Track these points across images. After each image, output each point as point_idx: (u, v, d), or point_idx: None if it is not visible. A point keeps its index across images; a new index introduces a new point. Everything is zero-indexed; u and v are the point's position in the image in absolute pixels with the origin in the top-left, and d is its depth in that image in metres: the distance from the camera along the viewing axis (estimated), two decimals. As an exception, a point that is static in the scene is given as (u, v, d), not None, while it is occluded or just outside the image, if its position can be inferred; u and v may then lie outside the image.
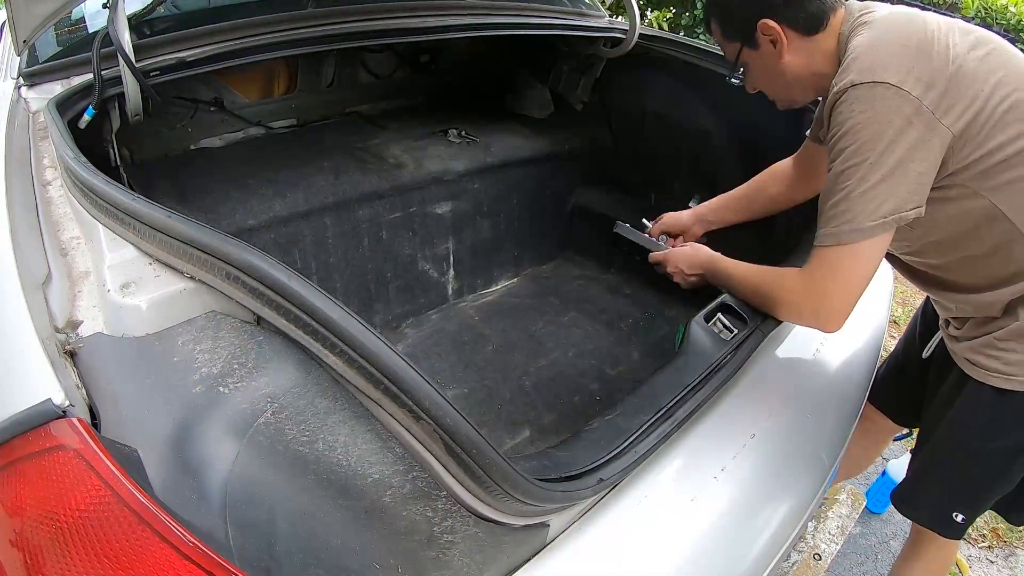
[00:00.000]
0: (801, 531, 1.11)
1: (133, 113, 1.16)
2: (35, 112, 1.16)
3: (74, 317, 0.75)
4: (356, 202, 1.56)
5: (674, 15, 4.83)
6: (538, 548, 0.77)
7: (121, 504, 0.53)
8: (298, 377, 0.69)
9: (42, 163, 1.04)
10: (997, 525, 1.89)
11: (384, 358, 0.63)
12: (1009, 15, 4.20)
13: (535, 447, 1.39)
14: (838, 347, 1.32)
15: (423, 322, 1.77)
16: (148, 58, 1.18)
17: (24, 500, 0.56)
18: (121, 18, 1.05)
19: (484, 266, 1.90)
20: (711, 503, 0.93)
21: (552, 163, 1.94)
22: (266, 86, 1.73)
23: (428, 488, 0.67)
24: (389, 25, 1.46)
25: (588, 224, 2.01)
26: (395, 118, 1.94)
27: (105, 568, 0.52)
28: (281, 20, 1.34)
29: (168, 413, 0.64)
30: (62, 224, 0.90)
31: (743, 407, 1.06)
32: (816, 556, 1.19)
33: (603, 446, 0.86)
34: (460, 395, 1.51)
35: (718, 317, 1.14)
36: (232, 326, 0.73)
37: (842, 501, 1.30)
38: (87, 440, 0.56)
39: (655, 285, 1.89)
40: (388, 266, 1.68)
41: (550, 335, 1.72)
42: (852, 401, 1.26)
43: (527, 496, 0.68)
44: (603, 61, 1.93)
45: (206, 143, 1.66)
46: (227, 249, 0.68)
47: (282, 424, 0.65)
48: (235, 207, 1.40)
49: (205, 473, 0.60)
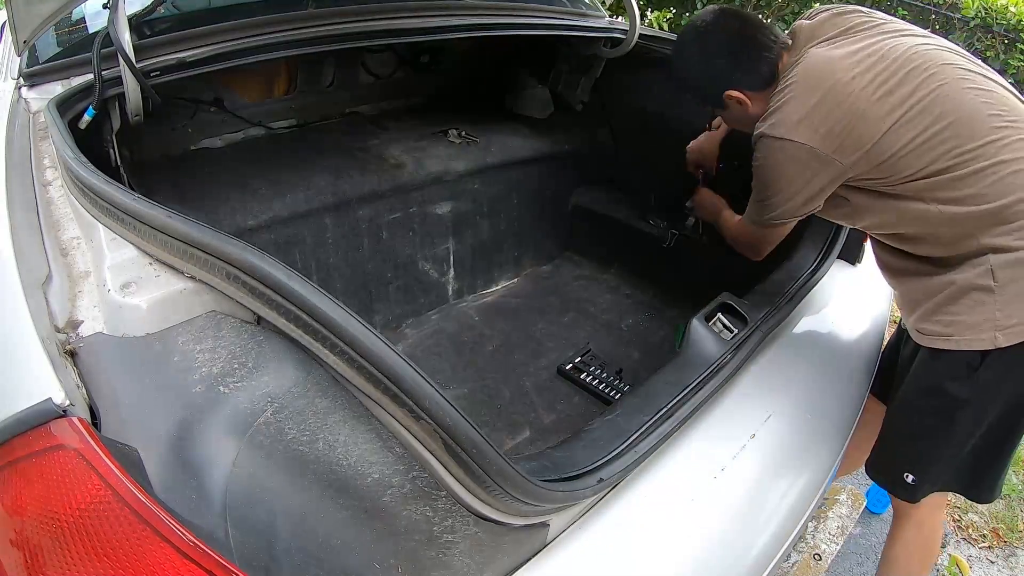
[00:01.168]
0: (801, 531, 1.11)
1: (133, 113, 1.16)
2: (35, 112, 1.16)
3: (74, 317, 0.75)
4: (356, 202, 1.56)
5: (674, 15, 4.84)
6: (538, 548, 0.77)
7: (121, 503, 0.53)
8: (298, 377, 0.69)
9: (42, 163, 1.04)
10: (997, 525, 1.89)
11: (384, 358, 0.63)
12: (1009, 15, 4.20)
13: (535, 447, 1.39)
14: (838, 347, 1.32)
15: (423, 322, 1.77)
16: (148, 58, 1.18)
17: (24, 499, 0.56)
18: (121, 18, 1.05)
19: (484, 266, 1.91)
20: (711, 503, 0.93)
21: (552, 163, 1.94)
22: (266, 86, 1.73)
23: (428, 488, 0.68)
24: (389, 25, 1.46)
25: (588, 224, 2.01)
26: (395, 118, 1.94)
27: (105, 567, 0.52)
28: (281, 20, 1.34)
29: (168, 413, 0.64)
30: (62, 224, 0.90)
31: (743, 407, 1.06)
32: (816, 556, 1.19)
33: (603, 446, 0.86)
34: (460, 395, 1.51)
35: (718, 317, 1.15)
36: (232, 326, 0.73)
37: (842, 501, 1.30)
38: (87, 440, 0.56)
39: (655, 285, 1.89)
40: (388, 266, 1.68)
41: (550, 335, 1.72)
42: (852, 400, 1.26)
43: (527, 496, 0.68)
44: (603, 61, 1.93)
45: (206, 143, 1.66)
46: (227, 249, 0.68)
47: (282, 424, 0.65)
48: (235, 207, 1.40)
49: (205, 473, 0.60)
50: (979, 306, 1.01)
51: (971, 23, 4.19)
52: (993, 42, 4.23)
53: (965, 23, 4.23)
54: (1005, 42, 4.18)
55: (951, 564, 1.76)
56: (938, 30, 4.31)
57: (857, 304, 1.43)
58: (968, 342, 1.03)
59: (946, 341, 1.06)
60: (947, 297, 1.05)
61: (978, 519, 1.91)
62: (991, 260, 1.00)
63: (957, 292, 1.03)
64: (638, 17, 1.79)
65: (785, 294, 1.23)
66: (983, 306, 1.01)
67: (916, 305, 1.12)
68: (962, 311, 1.03)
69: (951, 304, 1.04)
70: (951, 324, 1.05)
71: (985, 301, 1.01)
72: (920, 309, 1.10)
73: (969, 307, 1.02)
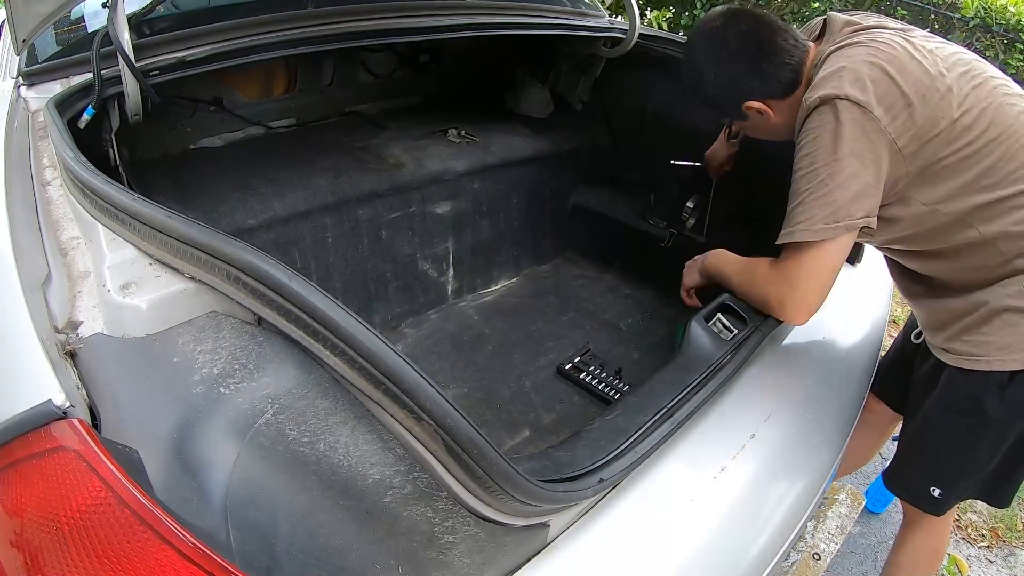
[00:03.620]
0: (801, 531, 1.11)
1: (133, 113, 1.16)
2: (34, 112, 1.16)
3: (74, 317, 0.74)
4: (356, 202, 1.56)
5: (674, 15, 4.84)
6: (538, 548, 0.77)
7: (122, 505, 0.53)
8: (299, 378, 0.69)
9: (41, 163, 1.04)
10: (996, 525, 1.89)
11: (385, 358, 0.63)
12: (1009, 15, 4.20)
13: (535, 447, 1.39)
14: (838, 347, 1.32)
15: (423, 322, 1.77)
16: (148, 58, 1.17)
17: (24, 501, 0.56)
18: (121, 18, 1.04)
19: (484, 266, 1.90)
20: (711, 503, 0.93)
21: (552, 163, 1.94)
22: (266, 86, 1.73)
23: (429, 488, 0.67)
24: (389, 25, 1.46)
25: (588, 224, 2.01)
26: (395, 118, 1.93)
27: (106, 569, 0.52)
28: (281, 20, 1.34)
29: (169, 414, 0.64)
30: (62, 224, 0.90)
31: (743, 407, 1.06)
32: (815, 556, 1.19)
33: (603, 446, 0.86)
34: (460, 395, 1.51)
35: (718, 317, 1.14)
36: (233, 327, 0.73)
37: (841, 501, 1.30)
38: (87, 441, 0.56)
39: (655, 285, 1.89)
40: (388, 266, 1.68)
41: (549, 335, 1.72)
42: (851, 401, 1.26)
43: (528, 496, 0.68)
44: (603, 61, 1.93)
45: (206, 143, 1.65)
46: (227, 249, 0.68)
47: (283, 425, 0.65)
48: (235, 207, 1.40)
49: (206, 474, 0.60)
50: (1011, 327, 1.00)
51: (970, 23, 4.19)
52: (992, 42, 4.23)
53: (964, 23, 4.24)
54: (1004, 42, 4.19)
55: (950, 564, 1.77)
56: (937, 30, 4.31)
57: (857, 304, 1.43)
58: (1001, 363, 1.02)
59: (976, 361, 1.04)
60: (979, 318, 1.02)
61: (977, 518, 1.91)
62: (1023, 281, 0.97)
63: (988, 314, 1.01)
64: (638, 17, 1.79)
65: (785, 294, 1.23)
66: (1015, 327, 0.99)
67: (943, 326, 1.09)
68: (993, 332, 1.01)
69: (983, 325, 1.02)
70: (981, 345, 1.03)
71: (1018, 322, 0.99)
72: (948, 330, 1.08)
73: (1001, 328, 1.00)
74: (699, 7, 4.63)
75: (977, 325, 1.03)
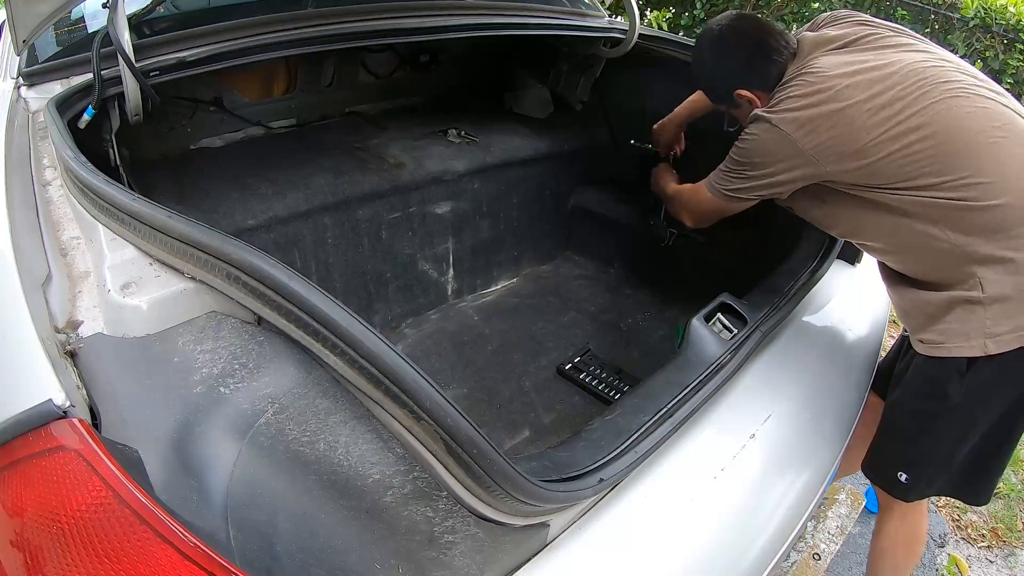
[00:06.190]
0: (801, 531, 1.11)
1: (133, 113, 1.16)
2: (35, 112, 1.16)
3: (74, 317, 0.75)
4: (356, 202, 1.56)
5: (674, 15, 4.83)
6: (538, 548, 0.78)
7: (122, 504, 0.53)
8: (299, 377, 0.69)
9: (42, 163, 1.04)
10: (996, 525, 1.89)
11: (385, 358, 0.63)
12: (1008, 15, 4.19)
13: (535, 447, 1.39)
14: (837, 347, 1.33)
15: (423, 322, 1.77)
16: (148, 58, 1.17)
17: (25, 501, 0.56)
18: (121, 18, 1.04)
19: (484, 266, 1.91)
20: (711, 503, 0.93)
21: (552, 163, 1.94)
22: (266, 86, 1.73)
23: (429, 488, 0.68)
24: (389, 25, 1.46)
25: (588, 224, 2.01)
26: (395, 118, 1.93)
27: (106, 568, 0.52)
28: (281, 20, 1.34)
29: (169, 413, 0.64)
30: (62, 224, 0.90)
31: (743, 407, 1.07)
32: (815, 556, 1.19)
33: (603, 446, 0.86)
34: (460, 395, 1.51)
35: (718, 317, 1.15)
36: (233, 326, 0.73)
37: (841, 501, 1.31)
38: (88, 441, 0.56)
39: (655, 285, 1.89)
40: (388, 266, 1.68)
41: (549, 335, 1.72)
42: (851, 401, 1.27)
43: (528, 496, 0.68)
44: (603, 61, 1.93)
45: (206, 143, 1.65)
46: (228, 249, 0.68)
47: (283, 424, 0.65)
48: (235, 207, 1.40)
49: (206, 473, 0.60)
50: (970, 316, 1.06)
51: (970, 23, 4.18)
52: (992, 42, 4.22)
53: (964, 23, 4.23)
54: (1004, 42, 4.18)
55: (950, 564, 1.77)
56: (937, 30, 4.31)
57: (856, 304, 1.43)
58: (960, 349, 1.08)
59: (938, 348, 1.11)
60: (939, 308, 1.10)
61: (977, 519, 1.91)
62: (979, 272, 1.04)
63: (949, 303, 1.08)
64: (638, 17, 1.79)
65: (785, 294, 1.23)
66: (973, 315, 1.06)
67: (912, 317, 1.17)
68: (953, 320, 1.08)
69: (944, 314, 1.09)
70: (944, 332, 1.09)
71: (975, 311, 1.06)
72: (916, 320, 1.15)
73: (960, 317, 1.07)
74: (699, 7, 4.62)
75: (940, 315, 1.10)
